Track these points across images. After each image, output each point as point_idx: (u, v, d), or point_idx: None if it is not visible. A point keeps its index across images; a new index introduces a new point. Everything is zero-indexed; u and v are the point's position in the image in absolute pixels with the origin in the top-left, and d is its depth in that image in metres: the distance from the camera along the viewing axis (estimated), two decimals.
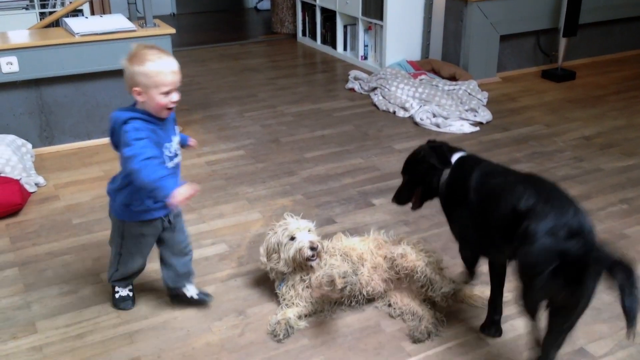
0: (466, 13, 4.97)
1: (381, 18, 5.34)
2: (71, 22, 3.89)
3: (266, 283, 2.62)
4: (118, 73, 3.95)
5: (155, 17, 4.08)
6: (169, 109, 2.10)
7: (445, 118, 4.32)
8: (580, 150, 3.90)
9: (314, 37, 6.42)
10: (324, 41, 6.29)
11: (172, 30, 3.96)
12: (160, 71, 2.03)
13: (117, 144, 2.13)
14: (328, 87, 5.26)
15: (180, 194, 1.99)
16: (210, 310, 2.46)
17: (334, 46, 6.09)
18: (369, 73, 5.31)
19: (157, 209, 2.24)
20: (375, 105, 4.73)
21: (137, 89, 2.05)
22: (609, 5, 5.47)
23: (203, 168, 3.74)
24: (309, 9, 6.41)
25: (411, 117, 4.46)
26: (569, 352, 2.21)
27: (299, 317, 2.36)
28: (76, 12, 5.24)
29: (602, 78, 5.28)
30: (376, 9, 5.39)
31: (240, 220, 3.14)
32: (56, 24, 4.35)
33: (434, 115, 4.36)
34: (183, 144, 2.36)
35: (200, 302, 2.47)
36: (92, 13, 5.62)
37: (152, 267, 2.73)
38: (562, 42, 5.15)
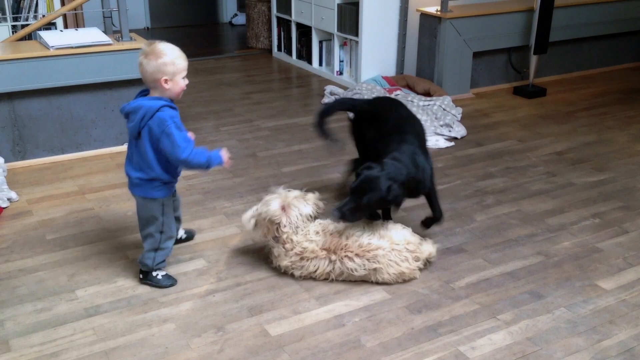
0: (440, 30, 5.05)
1: (356, 34, 5.40)
2: (46, 35, 3.85)
3: (245, 298, 2.61)
4: (93, 87, 3.95)
5: (129, 31, 4.06)
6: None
7: None
8: (553, 165, 3.97)
9: (289, 52, 6.45)
10: (299, 56, 6.32)
11: None
12: (179, 57, 2.40)
13: (140, 130, 2.42)
14: (304, 102, 5.28)
15: (226, 156, 2.53)
16: (188, 327, 2.43)
17: (310, 61, 6.12)
18: (345, 88, 5.35)
19: (177, 178, 2.63)
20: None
21: (165, 77, 2.38)
22: (577, 24, 5.61)
23: (180, 183, 3.67)
24: (284, 24, 6.44)
25: None
26: None
27: None
28: (49, 26, 5.18)
29: (571, 95, 5.41)
30: (351, 25, 5.44)
31: (219, 235, 3.12)
32: (29, 37, 4.30)
33: None
34: None
35: (189, 238, 3.03)
36: (66, 26, 5.56)
37: (128, 283, 2.70)
38: (533, 59, 5.26)
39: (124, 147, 4.14)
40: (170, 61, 2.37)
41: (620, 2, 5.79)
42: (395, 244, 2.64)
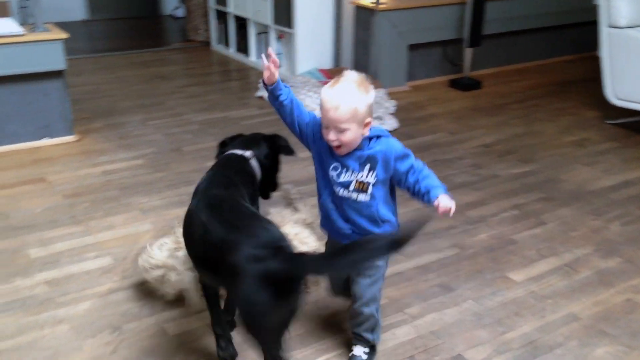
0: (374, 22, 5.01)
1: (292, 26, 5.32)
2: None
3: (148, 297, 2.51)
4: (5, 79, 3.77)
5: (64, 22, 3.93)
6: (336, 146, 1.88)
7: None
8: (480, 158, 3.97)
9: (227, 45, 6.34)
10: (237, 49, 6.21)
11: (64, 35, 3.79)
12: (321, 103, 1.86)
13: None
14: (239, 95, 5.19)
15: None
16: (83, 328, 2.33)
17: (247, 54, 6.02)
18: (282, 81, 5.26)
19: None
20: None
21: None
22: (512, 17, 5.64)
23: (97, 178, 3.59)
24: (222, 17, 6.32)
25: None
26: (446, 358, 2.21)
27: None
28: None
29: (505, 87, 5.44)
30: (286, 17, 5.36)
31: (130, 232, 3.02)
32: None
33: None
34: (428, 202, 1.89)
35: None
36: None
37: (26, 283, 2.58)
38: (467, 52, 5.27)
39: (42, 142, 4.00)
40: (320, 104, 1.88)
41: None
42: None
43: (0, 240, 2.90)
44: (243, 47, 6.10)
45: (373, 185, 1.93)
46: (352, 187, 1.94)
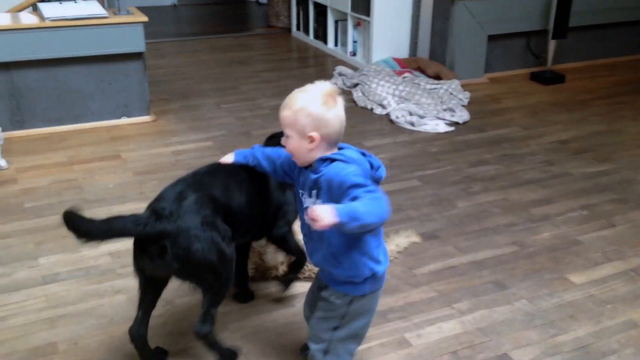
0: (453, 12, 4.89)
1: (370, 14, 5.29)
2: (43, 6, 3.91)
3: None
4: (90, 59, 4.00)
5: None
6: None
7: (421, 117, 4.26)
8: (553, 154, 3.81)
9: (307, 32, 6.39)
10: (316, 36, 6.25)
11: (144, 19, 3.95)
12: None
13: None
14: (313, 82, 5.20)
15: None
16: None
17: (325, 41, 6.05)
18: (356, 69, 5.27)
19: None
20: (354, 101, 4.68)
21: None
22: (601, 8, 5.35)
23: (167, 157, 3.74)
24: (303, 3, 6.37)
25: (388, 115, 4.40)
26: (491, 356, 2.16)
27: None
28: None
29: (591, 82, 5.17)
30: (364, 4, 5.33)
31: None
32: (34, 8, 4.37)
33: (410, 114, 4.30)
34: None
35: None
36: None
37: (91, 254, 2.72)
38: (552, 44, 5.05)
39: (120, 121, 4.19)
40: None
41: None
42: None
43: None
44: (321, 34, 6.12)
45: None
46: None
